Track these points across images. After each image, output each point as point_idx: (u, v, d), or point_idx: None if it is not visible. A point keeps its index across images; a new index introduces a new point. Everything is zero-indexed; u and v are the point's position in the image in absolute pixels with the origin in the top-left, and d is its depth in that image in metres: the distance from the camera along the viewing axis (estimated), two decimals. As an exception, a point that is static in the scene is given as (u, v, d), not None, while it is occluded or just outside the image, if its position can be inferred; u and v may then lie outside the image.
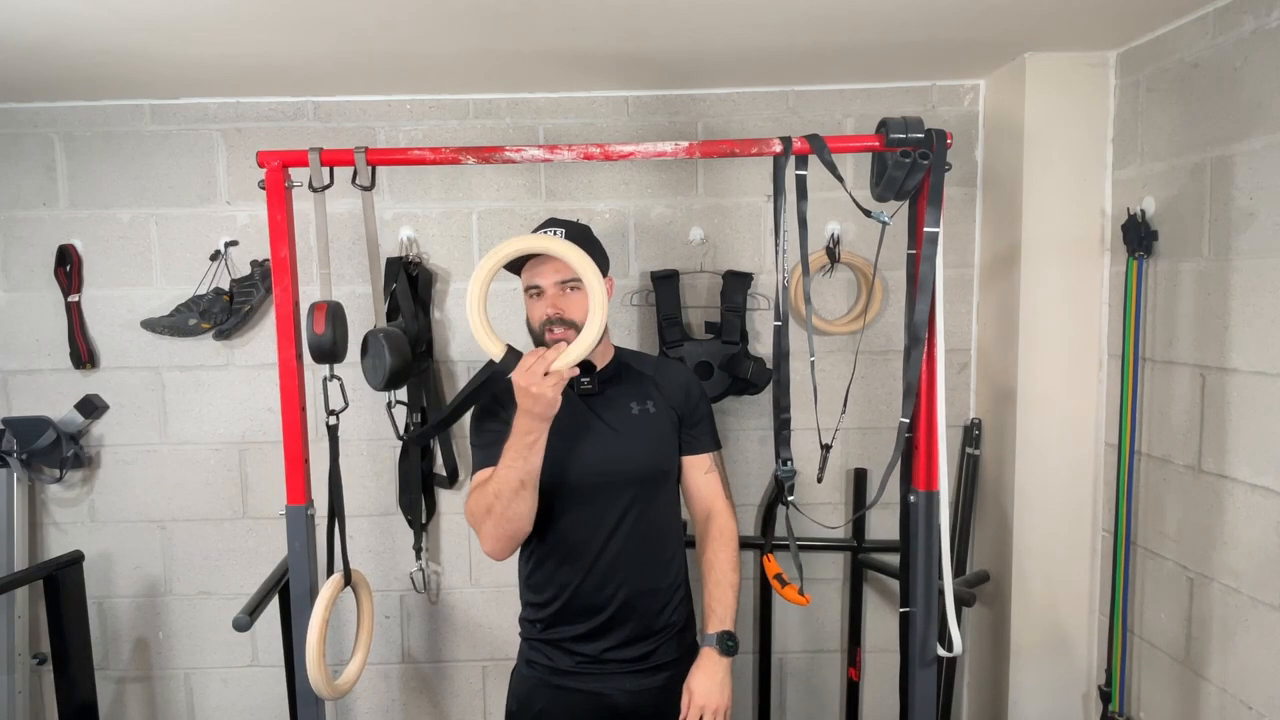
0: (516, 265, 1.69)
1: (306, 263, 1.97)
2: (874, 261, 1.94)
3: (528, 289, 1.70)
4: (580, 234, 1.71)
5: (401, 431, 1.70)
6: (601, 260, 1.73)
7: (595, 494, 1.71)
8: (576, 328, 1.62)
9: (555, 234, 1.66)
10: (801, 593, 1.68)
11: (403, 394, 2.34)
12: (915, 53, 2.16)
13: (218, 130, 2.45)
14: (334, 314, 1.63)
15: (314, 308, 1.62)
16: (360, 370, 1.87)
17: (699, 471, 1.80)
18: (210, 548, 2.57)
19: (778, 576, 1.70)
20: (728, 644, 1.67)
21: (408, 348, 1.77)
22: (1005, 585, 2.36)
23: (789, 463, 1.66)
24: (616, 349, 1.85)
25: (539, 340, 1.69)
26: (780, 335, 1.64)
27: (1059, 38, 2.07)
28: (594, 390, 1.72)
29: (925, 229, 1.58)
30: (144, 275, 2.48)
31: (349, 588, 1.77)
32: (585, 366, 1.70)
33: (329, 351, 1.63)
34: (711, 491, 1.81)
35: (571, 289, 1.66)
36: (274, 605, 2.22)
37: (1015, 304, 2.28)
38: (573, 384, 1.68)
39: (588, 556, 1.70)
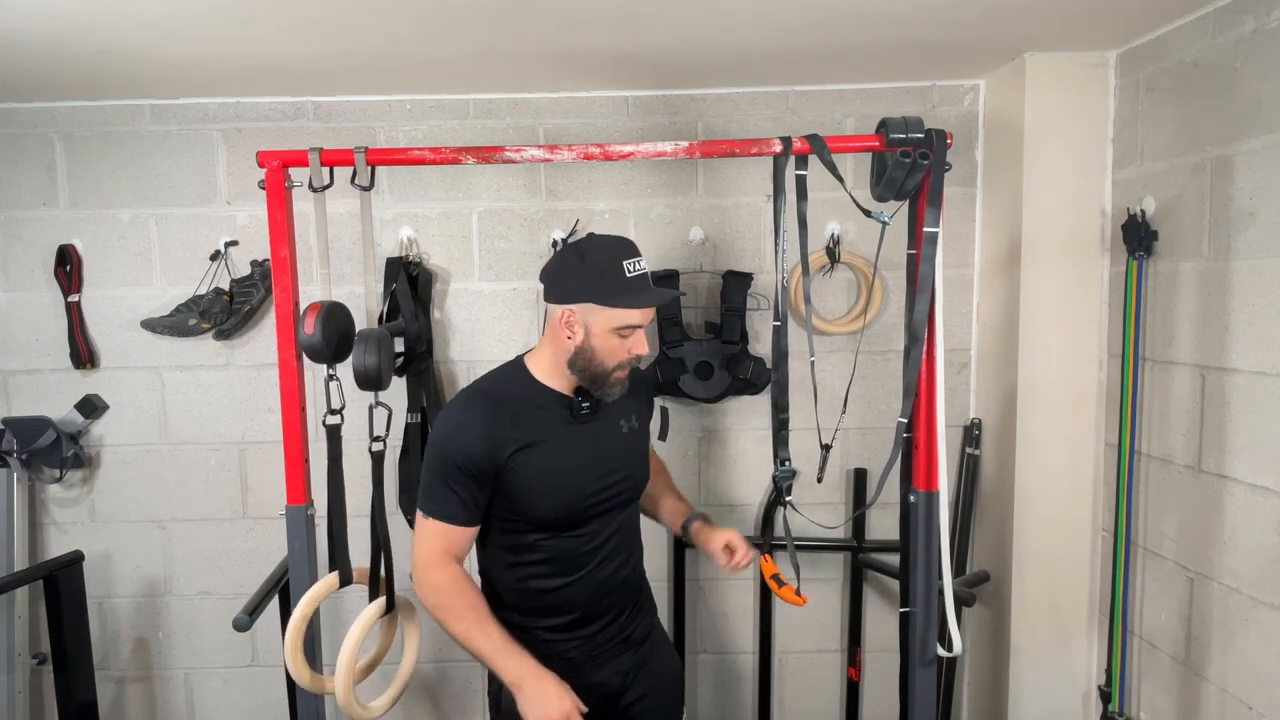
0: (614, 297, 1.58)
1: (306, 263, 1.97)
2: (874, 261, 1.94)
3: (624, 328, 1.60)
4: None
5: (381, 433, 1.71)
6: None
7: (595, 516, 1.70)
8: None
9: (644, 264, 1.63)
10: (798, 593, 1.68)
11: (393, 395, 2.34)
12: (915, 53, 2.16)
13: (218, 130, 2.45)
14: (326, 315, 1.62)
15: (306, 309, 1.62)
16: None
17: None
18: (210, 548, 2.57)
19: (775, 577, 1.70)
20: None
21: (389, 349, 1.73)
22: (1005, 585, 2.36)
23: (787, 463, 1.67)
24: None
25: (603, 377, 1.63)
26: (779, 335, 1.64)
27: (1059, 38, 2.07)
28: (591, 414, 1.70)
29: (925, 229, 1.58)
30: (144, 275, 2.48)
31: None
32: (587, 392, 1.68)
33: (319, 352, 1.62)
34: (658, 462, 1.98)
35: None
36: (274, 605, 2.22)
37: (1015, 304, 2.28)
38: (573, 409, 1.68)
39: (585, 572, 1.70)
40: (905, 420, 1.63)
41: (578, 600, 1.70)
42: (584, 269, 1.60)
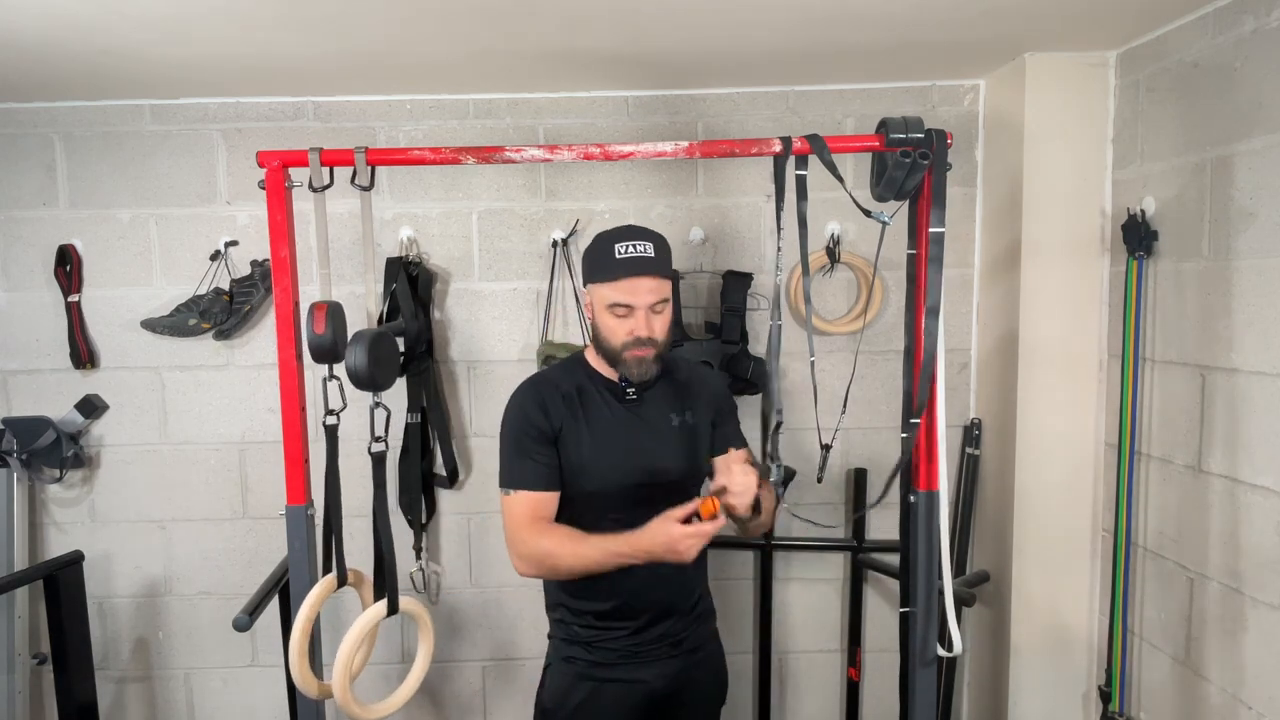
0: (599, 275, 1.67)
1: (306, 263, 1.97)
2: (874, 261, 1.94)
3: (614, 305, 1.66)
4: (666, 250, 1.71)
5: (381, 433, 1.71)
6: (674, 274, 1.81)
7: (638, 502, 1.71)
8: (657, 345, 1.68)
9: (646, 248, 1.65)
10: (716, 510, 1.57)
11: (393, 395, 2.34)
12: (915, 53, 2.16)
13: (218, 130, 2.45)
14: (334, 314, 1.63)
15: (313, 308, 1.63)
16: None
17: (739, 463, 1.80)
18: (210, 548, 2.57)
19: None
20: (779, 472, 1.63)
21: (390, 349, 1.74)
22: (1005, 585, 2.36)
23: (778, 464, 1.63)
24: None
25: (614, 355, 1.68)
26: (774, 336, 1.63)
27: (1059, 38, 2.07)
28: (638, 400, 1.76)
29: (930, 229, 1.58)
30: (144, 275, 2.48)
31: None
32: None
33: (329, 351, 1.63)
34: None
35: (657, 310, 1.67)
36: (274, 605, 2.22)
37: (1015, 304, 2.28)
38: (618, 394, 1.75)
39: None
40: (915, 421, 1.63)
41: (621, 587, 1.72)
42: (587, 251, 1.75)
